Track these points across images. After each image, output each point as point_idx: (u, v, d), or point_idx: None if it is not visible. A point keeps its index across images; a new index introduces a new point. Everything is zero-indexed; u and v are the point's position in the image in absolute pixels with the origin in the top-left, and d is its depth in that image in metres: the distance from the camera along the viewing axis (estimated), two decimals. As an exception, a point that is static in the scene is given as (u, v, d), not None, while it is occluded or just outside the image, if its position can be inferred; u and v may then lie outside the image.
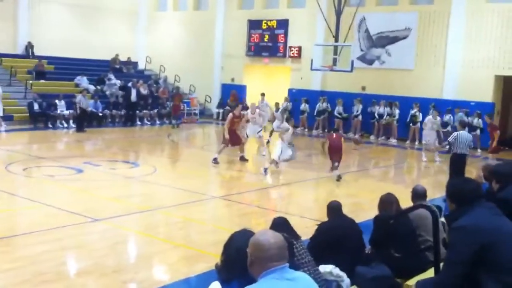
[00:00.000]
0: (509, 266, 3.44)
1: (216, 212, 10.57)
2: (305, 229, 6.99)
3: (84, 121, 20.96)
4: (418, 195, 6.10)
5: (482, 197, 3.79)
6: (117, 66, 27.66)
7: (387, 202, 6.05)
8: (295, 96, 25.07)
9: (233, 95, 26.42)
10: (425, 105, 21.04)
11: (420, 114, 21.05)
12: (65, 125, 21.56)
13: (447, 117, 20.51)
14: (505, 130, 22.57)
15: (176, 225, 9.18)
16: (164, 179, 12.94)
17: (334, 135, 13.33)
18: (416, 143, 21.13)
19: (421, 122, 20.15)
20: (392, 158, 19.29)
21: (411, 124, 21.58)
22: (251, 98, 27.27)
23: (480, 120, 19.95)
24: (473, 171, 11.91)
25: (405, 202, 6.31)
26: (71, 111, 21.73)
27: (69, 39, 26.81)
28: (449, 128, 20.29)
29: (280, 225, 5.11)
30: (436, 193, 11.23)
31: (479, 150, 19.49)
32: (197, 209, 10.35)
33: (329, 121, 23.81)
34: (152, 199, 10.93)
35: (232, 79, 27.94)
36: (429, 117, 17.75)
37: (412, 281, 4.14)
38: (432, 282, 3.80)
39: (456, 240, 3.64)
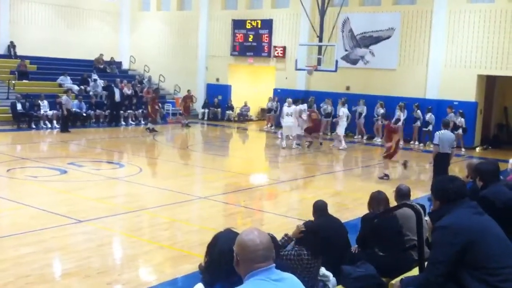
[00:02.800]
0: (491, 266, 3.46)
1: (202, 213, 10.54)
2: (290, 230, 6.98)
3: (69, 121, 20.81)
4: (402, 194, 6.14)
5: (466, 196, 3.81)
6: (101, 66, 27.48)
7: (375, 200, 6.07)
8: (280, 96, 25.10)
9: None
10: (409, 105, 21.21)
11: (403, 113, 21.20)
12: (49, 125, 21.36)
13: (427, 116, 20.71)
14: (487, 129, 22.88)
15: (161, 225, 9.14)
16: (149, 180, 12.88)
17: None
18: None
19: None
20: (376, 157, 19.40)
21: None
22: (236, 98, 27.33)
23: (463, 119, 20.17)
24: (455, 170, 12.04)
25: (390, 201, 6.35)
26: (55, 111, 21.54)
27: (52, 38, 26.60)
28: (430, 127, 20.49)
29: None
30: (419, 192, 11.32)
31: (463, 149, 19.71)
32: (182, 209, 10.32)
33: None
34: (137, 200, 10.87)
35: (217, 79, 27.90)
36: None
37: (397, 280, 4.17)
38: (416, 280, 3.82)
39: (439, 239, 3.66)
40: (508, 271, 3.45)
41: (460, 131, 19.91)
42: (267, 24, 25.94)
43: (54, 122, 21.49)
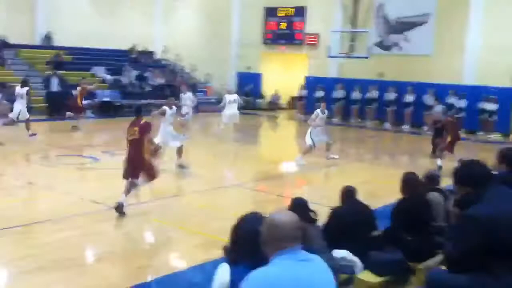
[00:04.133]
0: None
1: (233, 200, 10.59)
2: (321, 217, 6.95)
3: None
4: (433, 179, 6.05)
5: (493, 180, 3.71)
6: (134, 56, 27.77)
7: (410, 182, 5.83)
8: (311, 83, 24.96)
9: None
10: (445, 91, 20.84)
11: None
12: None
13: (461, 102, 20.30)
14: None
15: (193, 212, 9.22)
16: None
17: None
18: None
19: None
20: (405, 145, 19.14)
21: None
22: (267, 86, 27.29)
23: (497, 105, 19.69)
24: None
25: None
26: (89, 101, 21.89)
27: (87, 29, 26.90)
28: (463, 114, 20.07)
29: (298, 206, 5.10)
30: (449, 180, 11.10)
31: (492, 136, 19.33)
32: (214, 196, 10.39)
33: (345, 108, 23.70)
34: (170, 187, 10.98)
35: (249, 68, 27.89)
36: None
37: (423, 265, 4.13)
38: (444, 274, 3.71)
39: (465, 229, 3.55)
40: None
41: (494, 117, 19.49)
42: (300, 11, 25.75)
43: (88, 111, 21.85)
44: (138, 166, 8.61)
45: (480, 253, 3.44)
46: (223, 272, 3.12)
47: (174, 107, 12.70)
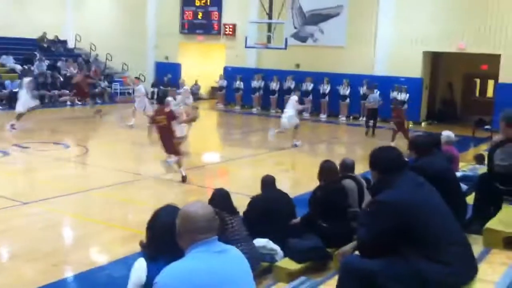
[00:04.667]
0: (432, 240, 3.46)
1: (153, 192, 10.45)
2: (242, 207, 7.02)
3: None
4: (347, 167, 6.26)
5: (404, 166, 3.83)
6: (45, 45, 26.58)
7: (326, 170, 6.02)
8: (230, 74, 25.00)
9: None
10: (357, 81, 21.58)
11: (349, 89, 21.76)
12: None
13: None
14: (433, 104, 23.52)
15: (110, 206, 9.02)
16: (96, 160, 12.65)
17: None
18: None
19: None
20: (324, 134, 19.68)
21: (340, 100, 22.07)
22: (186, 76, 27.04)
23: (408, 95, 20.65)
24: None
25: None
26: (-3, 92, 20.82)
27: (-7, 16, 25.47)
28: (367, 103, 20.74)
29: (220, 197, 5.11)
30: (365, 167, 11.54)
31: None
32: (132, 189, 10.21)
33: (264, 98, 23.98)
34: (84, 181, 10.68)
35: (166, 57, 27.49)
36: None
37: (341, 250, 4.28)
38: (357, 258, 3.83)
39: (376, 213, 3.63)
40: (446, 244, 3.45)
41: (405, 106, 20.42)
42: (216, 1, 25.65)
43: (-3, 103, 20.78)
44: (172, 146, 10.59)
45: (390, 238, 3.54)
46: (139, 268, 3.06)
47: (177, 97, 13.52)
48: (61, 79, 23.99)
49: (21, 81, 17.12)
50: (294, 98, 15.53)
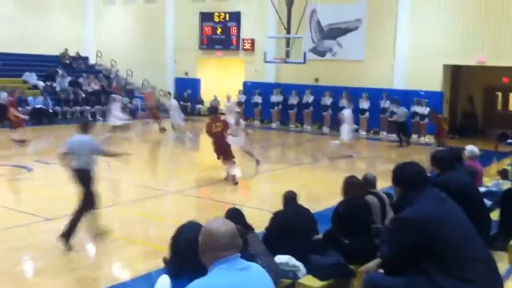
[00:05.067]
0: (452, 257, 3.45)
1: (173, 208, 10.50)
2: (262, 222, 7.02)
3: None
4: (368, 182, 6.23)
5: (427, 182, 3.82)
6: (67, 62, 27.02)
7: (350, 185, 6.00)
8: (249, 89, 25.12)
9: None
10: (377, 95, 21.51)
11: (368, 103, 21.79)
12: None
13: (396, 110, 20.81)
14: (454, 118, 23.31)
15: (132, 221, 9.08)
16: (118, 175, 12.75)
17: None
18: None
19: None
20: (343, 149, 19.57)
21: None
22: (205, 91, 27.22)
23: (428, 108, 20.50)
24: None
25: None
26: (20, 108, 21.13)
27: (15, 33, 25.98)
28: (395, 117, 20.68)
29: (234, 216, 5.13)
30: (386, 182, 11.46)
31: (425, 138, 20.16)
32: (153, 204, 10.27)
33: (283, 113, 24.01)
34: (105, 196, 10.73)
35: (186, 73, 27.74)
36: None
37: (364, 267, 4.25)
38: (380, 276, 3.81)
39: (399, 230, 3.64)
40: (469, 261, 3.43)
41: (426, 120, 20.31)
42: (235, 16, 25.86)
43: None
44: (227, 150, 11.83)
45: (413, 255, 3.54)
46: (163, 284, 3.07)
47: None
48: (83, 95, 24.32)
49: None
50: (349, 112, 16.55)
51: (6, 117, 17.06)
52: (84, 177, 7.48)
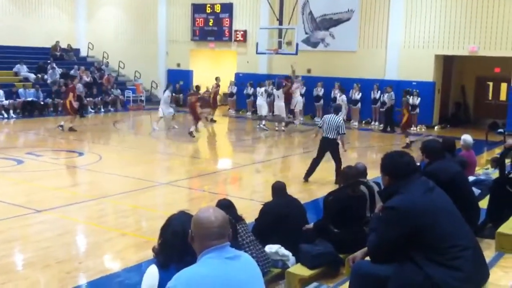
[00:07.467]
0: (440, 245, 3.46)
1: (165, 199, 10.50)
2: (254, 212, 7.02)
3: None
4: (358, 172, 6.25)
5: (415, 171, 3.82)
6: (58, 54, 26.84)
7: (344, 174, 6.06)
8: (242, 80, 25.06)
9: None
10: (369, 86, 21.53)
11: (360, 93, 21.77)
12: (5, 115, 20.85)
13: (385, 96, 20.77)
14: (446, 108, 23.39)
15: (123, 213, 9.07)
16: (110, 167, 12.73)
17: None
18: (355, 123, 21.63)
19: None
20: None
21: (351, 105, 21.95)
22: (198, 83, 27.13)
23: (419, 99, 20.55)
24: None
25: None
26: (11, 100, 21.07)
27: (6, 26, 25.79)
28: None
29: (224, 207, 5.13)
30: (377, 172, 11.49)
31: (417, 128, 20.21)
32: (145, 196, 10.26)
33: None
34: (97, 188, 10.75)
35: (178, 64, 27.64)
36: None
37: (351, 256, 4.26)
38: (368, 264, 3.82)
39: (387, 219, 3.64)
40: (456, 249, 3.45)
41: (417, 110, 20.36)
42: (227, 8, 25.75)
43: (11, 111, 21.01)
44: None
45: (400, 243, 3.55)
46: (151, 274, 3.06)
47: None
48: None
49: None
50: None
51: None
52: None
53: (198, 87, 20.29)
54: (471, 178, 7.47)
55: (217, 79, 22.39)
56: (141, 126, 21.95)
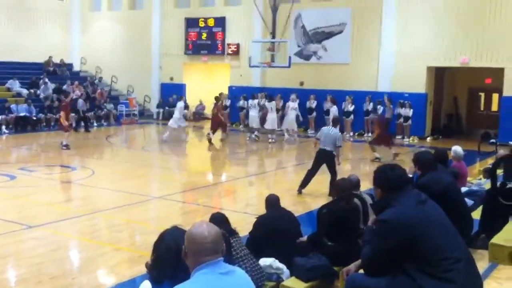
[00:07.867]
0: (433, 257, 3.47)
1: (158, 213, 10.45)
2: (248, 225, 7.00)
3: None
4: (352, 184, 6.25)
5: (407, 183, 3.84)
6: (51, 69, 26.83)
7: (338, 187, 6.04)
8: (235, 93, 25.12)
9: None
10: (362, 98, 21.63)
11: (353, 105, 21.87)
12: (-1, 130, 20.83)
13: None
14: (438, 119, 23.52)
15: (116, 227, 9.02)
16: (102, 182, 12.68)
17: None
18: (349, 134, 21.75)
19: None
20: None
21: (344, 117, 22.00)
22: (191, 96, 27.19)
23: (411, 110, 20.67)
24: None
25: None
26: (3, 116, 21.01)
27: (0, 41, 25.78)
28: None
29: (217, 221, 5.12)
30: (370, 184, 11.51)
31: (408, 140, 20.31)
32: (138, 210, 10.21)
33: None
34: (90, 203, 10.70)
35: (171, 78, 27.69)
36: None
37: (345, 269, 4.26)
38: (362, 277, 3.83)
39: (380, 232, 3.66)
40: (449, 262, 3.46)
41: (409, 121, 20.48)
42: (220, 21, 25.89)
43: (3, 127, 20.94)
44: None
45: (394, 256, 3.56)
46: None
47: None
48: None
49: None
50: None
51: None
52: None
53: (217, 98, 20.05)
54: (463, 189, 7.50)
55: (221, 95, 21.46)
56: (134, 140, 21.92)
